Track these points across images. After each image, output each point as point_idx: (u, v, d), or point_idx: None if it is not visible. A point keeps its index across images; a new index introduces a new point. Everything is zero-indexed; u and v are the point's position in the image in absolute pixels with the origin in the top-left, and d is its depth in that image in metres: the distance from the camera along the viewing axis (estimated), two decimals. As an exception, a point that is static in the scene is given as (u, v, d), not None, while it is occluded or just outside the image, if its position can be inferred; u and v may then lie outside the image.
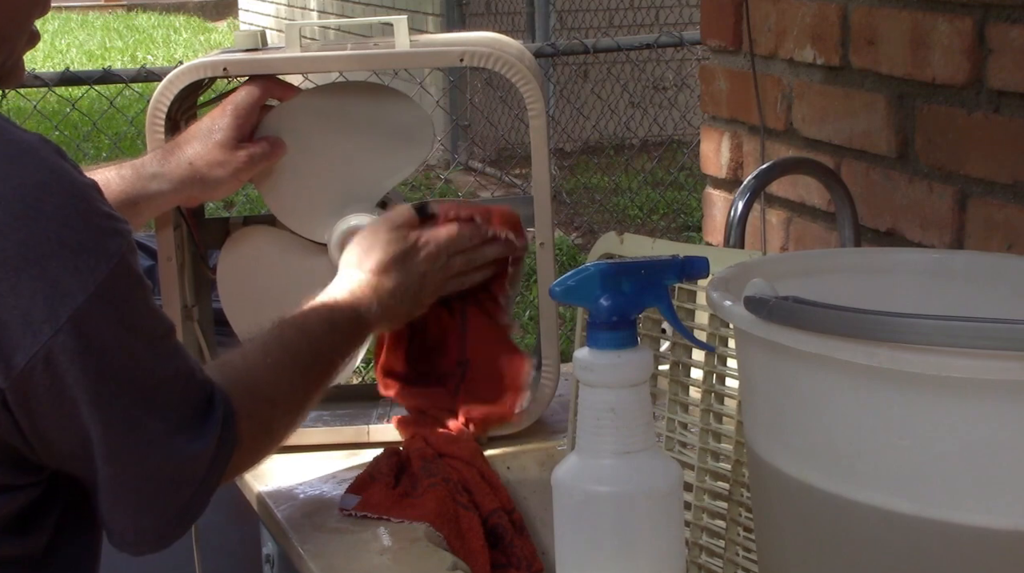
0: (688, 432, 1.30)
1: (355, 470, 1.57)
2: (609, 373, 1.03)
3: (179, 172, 1.58)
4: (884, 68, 1.69)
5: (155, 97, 1.63)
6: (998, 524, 0.87)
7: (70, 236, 1.12)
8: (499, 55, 1.61)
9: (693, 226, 5.82)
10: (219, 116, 1.60)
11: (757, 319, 0.94)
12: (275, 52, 1.66)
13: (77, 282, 1.12)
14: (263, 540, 1.69)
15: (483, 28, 7.34)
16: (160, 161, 1.58)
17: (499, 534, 1.51)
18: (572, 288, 1.06)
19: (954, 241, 1.60)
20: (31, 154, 1.13)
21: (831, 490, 0.93)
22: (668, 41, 5.05)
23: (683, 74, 7.45)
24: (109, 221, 1.16)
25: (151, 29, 14.26)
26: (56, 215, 1.12)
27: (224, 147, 1.58)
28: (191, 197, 1.62)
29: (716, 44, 2.07)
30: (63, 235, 1.12)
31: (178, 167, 1.58)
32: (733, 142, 2.06)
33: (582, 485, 1.04)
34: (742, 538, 1.23)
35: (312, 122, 1.66)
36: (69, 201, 1.13)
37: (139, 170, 1.58)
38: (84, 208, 1.14)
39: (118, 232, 1.16)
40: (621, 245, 1.38)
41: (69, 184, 1.14)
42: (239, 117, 1.60)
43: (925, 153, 1.64)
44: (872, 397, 0.90)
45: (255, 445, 1.32)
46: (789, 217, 1.94)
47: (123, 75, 4.34)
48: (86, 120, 6.53)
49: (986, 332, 0.83)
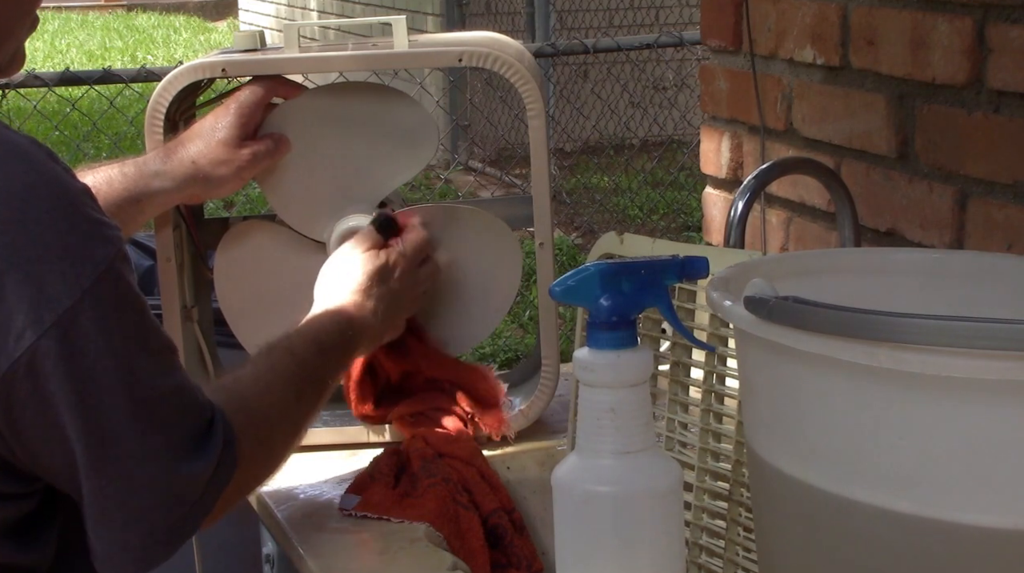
0: (688, 432, 1.30)
1: (355, 470, 1.57)
2: (609, 373, 1.03)
3: (182, 170, 1.57)
4: (884, 68, 1.69)
5: (154, 98, 1.63)
6: (998, 524, 0.87)
7: (57, 241, 1.10)
8: (497, 55, 1.61)
9: (693, 226, 5.82)
10: (222, 114, 1.59)
11: (757, 319, 0.94)
12: (274, 52, 1.66)
13: (63, 287, 1.10)
14: (263, 540, 1.69)
15: (483, 28, 7.34)
16: (163, 159, 1.58)
17: (499, 534, 1.51)
18: (572, 288, 1.06)
19: (954, 241, 1.60)
20: (20, 157, 1.12)
21: (831, 490, 0.93)
22: (668, 41, 5.06)
23: (683, 74, 7.45)
24: (98, 227, 1.14)
25: (151, 29, 14.26)
26: (43, 219, 1.10)
27: (227, 145, 1.58)
28: (194, 195, 1.61)
29: (716, 44, 2.07)
30: (50, 240, 1.10)
31: (181, 165, 1.57)
32: (733, 142, 2.06)
33: (582, 485, 1.04)
34: (742, 538, 1.23)
35: (316, 121, 1.66)
36: (57, 205, 1.11)
37: (142, 168, 1.57)
38: (72, 213, 1.12)
39: (108, 239, 1.14)
40: (621, 245, 1.38)
41: (58, 188, 1.12)
42: (243, 115, 1.59)
43: (925, 153, 1.64)
44: (872, 397, 0.90)
45: (255, 468, 1.29)
46: (789, 217, 1.94)
47: (123, 75, 4.35)
48: (86, 120, 6.53)
49: (986, 332, 0.83)
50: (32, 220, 1.10)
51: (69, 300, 1.10)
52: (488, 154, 7.41)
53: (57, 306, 1.10)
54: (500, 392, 1.67)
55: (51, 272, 1.10)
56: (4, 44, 1.24)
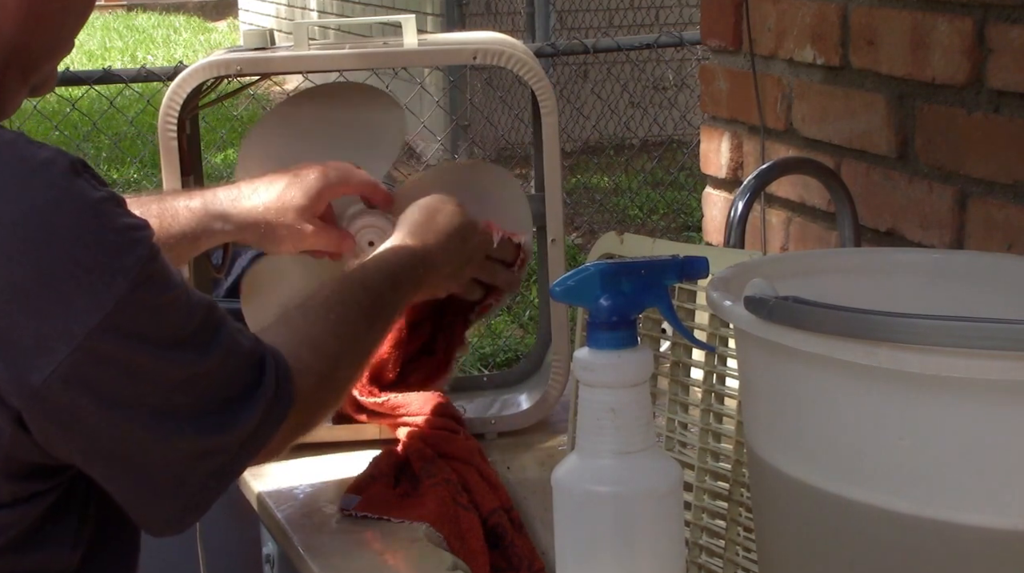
0: (688, 432, 1.30)
1: (355, 470, 1.57)
2: (609, 373, 1.03)
3: (249, 218, 1.57)
4: (884, 68, 1.69)
5: (168, 96, 1.63)
6: (998, 524, 0.87)
7: (85, 256, 1.11)
8: (512, 53, 1.64)
9: (693, 226, 5.82)
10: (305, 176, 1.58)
11: (757, 319, 0.94)
12: (284, 51, 1.67)
13: (93, 301, 1.11)
14: (263, 540, 1.69)
15: (483, 28, 7.34)
16: (232, 201, 1.58)
17: (499, 534, 1.51)
18: (572, 288, 1.06)
19: (954, 241, 1.60)
20: (43, 172, 1.12)
21: (831, 490, 0.93)
22: (668, 41, 5.05)
23: (683, 74, 7.45)
24: (125, 234, 1.14)
25: (151, 29, 14.26)
26: (69, 236, 1.11)
27: (300, 213, 1.58)
28: (247, 239, 1.62)
29: (716, 44, 2.07)
30: (77, 256, 1.11)
31: (249, 214, 1.57)
32: (733, 142, 2.06)
33: (582, 485, 1.04)
34: (742, 538, 1.23)
35: (291, 136, 1.69)
36: (82, 220, 1.12)
37: (208, 206, 1.57)
38: (98, 226, 1.12)
39: (136, 243, 1.14)
40: (621, 245, 1.37)
41: (82, 202, 1.12)
42: (323, 193, 1.58)
43: (925, 153, 1.64)
44: (872, 397, 0.90)
45: (316, 401, 1.32)
46: (789, 217, 1.94)
47: (123, 75, 4.34)
48: (86, 120, 6.53)
49: (986, 332, 0.83)
50: (58, 238, 1.11)
51: (100, 313, 1.11)
52: (488, 154, 7.40)
53: (88, 319, 1.11)
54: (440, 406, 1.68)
55: (80, 287, 1.11)
56: (43, 66, 1.25)
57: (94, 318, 1.11)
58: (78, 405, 1.13)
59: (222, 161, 6.94)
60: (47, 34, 1.22)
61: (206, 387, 1.19)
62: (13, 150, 1.13)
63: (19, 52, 1.20)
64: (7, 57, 1.20)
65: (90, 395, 1.13)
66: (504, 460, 1.64)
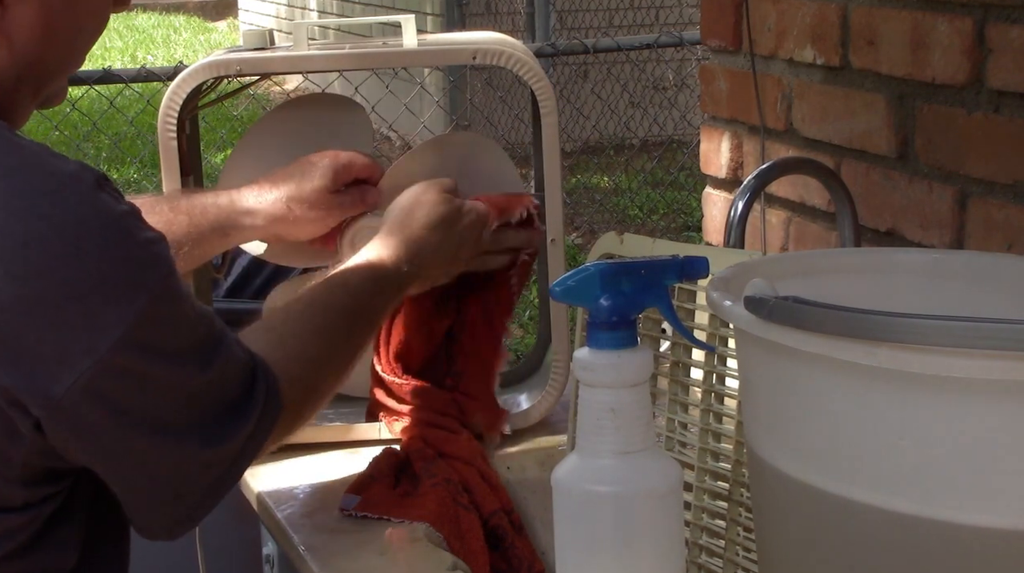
0: (688, 432, 1.30)
1: (355, 470, 1.57)
2: (609, 373, 1.03)
3: (274, 209, 1.61)
4: (884, 68, 1.69)
5: (168, 96, 1.64)
6: (998, 524, 0.87)
7: (110, 271, 1.13)
8: (511, 53, 1.64)
9: (693, 226, 5.82)
10: (318, 160, 1.63)
11: (757, 319, 0.94)
12: (284, 51, 1.67)
13: (116, 315, 1.12)
14: (263, 540, 1.69)
15: (483, 28, 7.34)
16: (256, 196, 1.62)
17: (499, 535, 1.51)
18: (572, 288, 1.06)
19: (954, 241, 1.60)
20: (69, 187, 1.13)
21: (831, 490, 0.93)
22: (668, 41, 5.06)
23: (683, 74, 7.45)
24: (148, 248, 1.16)
25: (151, 29, 14.25)
26: (96, 251, 1.12)
27: (321, 191, 1.62)
28: (279, 233, 1.65)
29: (716, 44, 2.07)
30: (103, 271, 1.12)
31: (273, 205, 1.61)
32: (733, 142, 2.06)
33: (582, 485, 1.04)
34: (742, 538, 1.23)
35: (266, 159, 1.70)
36: (108, 235, 1.13)
37: (235, 202, 1.62)
38: (123, 241, 1.14)
39: (157, 258, 1.16)
40: (621, 245, 1.37)
41: (108, 217, 1.14)
42: (337, 170, 1.63)
43: (925, 153, 1.64)
44: (872, 397, 0.90)
45: (301, 408, 1.34)
46: (789, 217, 1.94)
47: (123, 75, 4.35)
48: (86, 120, 6.53)
49: (986, 332, 0.83)
50: (86, 252, 1.12)
51: (122, 326, 1.12)
52: (488, 154, 7.39)
53: (112, 332, 1.12)
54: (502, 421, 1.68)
55: (105, 301, 1.12)
56: (57, 78, 1.27)
57: (117, 332, 1.12)
58: (94, 415, 1.14)
59: (222, 161, 6.90)
60: (61, 50, 1.24)
61: (208, 398, 1.21)
62: (39, 162, 1.14)
63: (33, 67, 1.22)
64: (21, 71, 1.21)
65: (106, 406, 1.14)
66: (504, 460, 1.64)
